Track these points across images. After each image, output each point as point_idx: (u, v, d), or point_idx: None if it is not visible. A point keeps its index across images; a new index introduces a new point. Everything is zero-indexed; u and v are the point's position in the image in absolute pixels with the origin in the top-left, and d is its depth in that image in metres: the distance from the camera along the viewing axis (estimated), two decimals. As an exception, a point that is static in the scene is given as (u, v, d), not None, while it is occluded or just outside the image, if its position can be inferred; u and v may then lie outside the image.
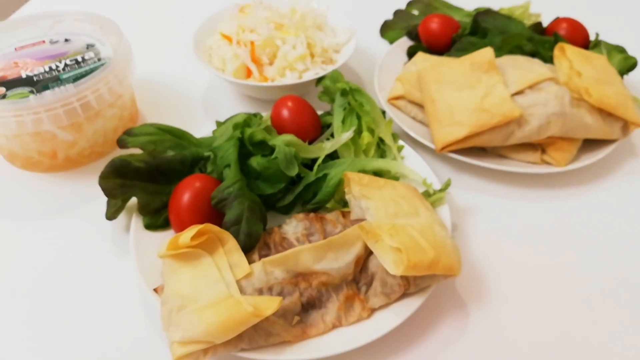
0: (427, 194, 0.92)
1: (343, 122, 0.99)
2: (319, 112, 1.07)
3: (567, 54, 1.06)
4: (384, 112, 1.05)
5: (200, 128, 1.11)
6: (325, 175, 0.92)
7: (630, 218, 0.97)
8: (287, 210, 0.93)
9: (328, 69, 1.15)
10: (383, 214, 0.81)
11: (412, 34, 1.32)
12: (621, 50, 1.19)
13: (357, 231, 0.79)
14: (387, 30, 1.42)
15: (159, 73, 1.30)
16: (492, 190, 1.01)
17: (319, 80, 1.09)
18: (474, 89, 1.00)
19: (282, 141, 0.91)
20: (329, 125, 1.04)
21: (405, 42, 1.33)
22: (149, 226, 0.89)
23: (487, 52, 1.02)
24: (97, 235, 0.92)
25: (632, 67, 1.16)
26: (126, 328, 0.79)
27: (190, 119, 1.17)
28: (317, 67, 1.15)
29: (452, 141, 0.98)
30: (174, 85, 1.27)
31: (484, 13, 1.22)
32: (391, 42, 1.41)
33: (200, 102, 1.22)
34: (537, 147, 1.01)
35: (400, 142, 1.02)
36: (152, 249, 0.83)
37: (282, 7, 1.26)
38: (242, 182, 0.85)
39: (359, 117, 1.00)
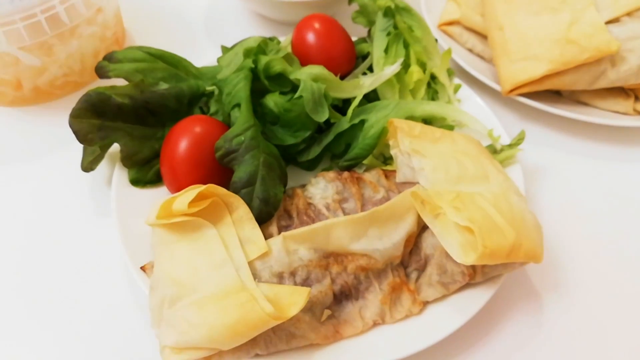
0: (492, 150, 0.72)
1: (386, 51, 0.77)
2: (353, 39, 0.84)
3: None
4: (435, 41, 0.83)
5: (202, 54, 0.89)
6: (362, 122, 0.71)
7: None
8: (312, 167, 0.74)
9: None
10: (443, 177, 0.61)
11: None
12: None
13: (409, 200, 0.59)
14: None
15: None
16: (569, 147, 0.81)
17: (353, -4, 0.85)
18: (558, 12, 0.77)
19: (308, 75, 0.69)
20: (365, 57, 0.82)
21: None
22: (136, 181, 0.69)
23: (577, -33, 0.78)
24: (74, 188, 0.74)
25: None
26: (109, 310, 0.62)
27: (190, 42, 0.95)
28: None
29: (525, 81, 0.76)
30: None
31: None
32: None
33: (202, 22, 0.99)
34: (630, 93, 0.80)
35: (457, 81, 0.80)
36: (139, 212, 0.65)
37: None
38: (256, 128, 0.64)
39: (406, 46, 0.77)
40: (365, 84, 0.73)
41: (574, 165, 0.78)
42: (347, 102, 0.74)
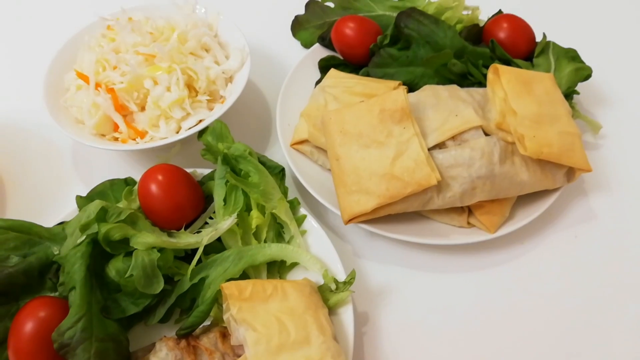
0: (328, 289, 0.76)
1: (225, 200, 0.80)
2: (207, 171, 0.87)
3: (503, 81, 0.86)
4: (282, 171, 0.86)
5: (71, 191, 0.91)
6: (202, 280, 0.75)
7: (581, 281, 0.84)
8: (165, 320, 0.77)
9: (215, 111, 0.93)
10: (264, 348, 0.66)
11: (325, 40, 1.08)
12: (573, 55, 0.98)
13: (228, 381, 0.64)
14: (299, 28, 1.17)
15: (18, 119, 1.06)
16: (411, 262, 0.86)
17: (200, 134, 0.88)
18: (384, 146, 0.81)
19: (142, 244, 0.73)
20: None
21: (319, 50, 1.09)
22: (-11, 366, 0.73)
23: (399, 97, 0.81)
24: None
25: (585, 79, 0.96)
26: None
27: (58, 180, 0.97)
28: (201, 110, 0.93)
29: (359, 212, 0.80)
30: (36, 134, 1.04)
31: (407, 15, 0.98)
32: (305, 44, 1.17)
33: (70, 156, 1.00)
34: (465, 208, 0.84)
35: (303, 211, 0.84)
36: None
37: (158, 19, 1.01)
38: (87, 318, 0.68)
39: (245, 192, 0.81)
40: (203, 239, 0.77)
41: (415, 280, 0.84)
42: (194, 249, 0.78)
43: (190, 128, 0.91)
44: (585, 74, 0.95)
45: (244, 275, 0.77)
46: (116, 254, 0.75)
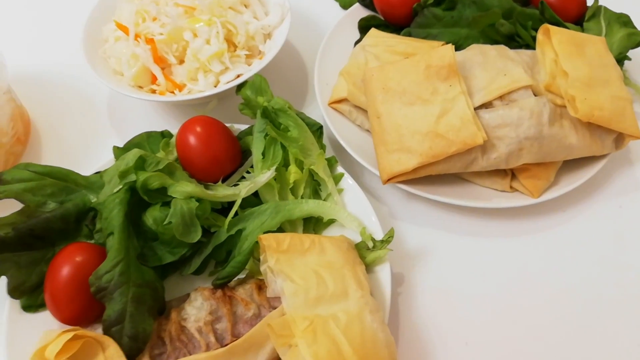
0: (365, 247, 0.75)
1: (264, 154, 0.79)
2: (244, 127, 0.86)
3: (554, 42, 0.82)
4: (319, 129, 0.85)
5: (106, 143, 0.91)
6: (239, 232, 0.75)
7: (625, 252, 0.81)
8: (199, 272, 0.77)
9: (254, 66, 0.92)
10: (302, 300, 0.65)
11: (366, 0, 1.05)
12: (625, 20, 0.93)
13: (266, 330, 0.63)
14: (339, -11, 1.14)
15: (55, 72, 1.06)
16: (449, 225, 0.84)
17: (239, 88, 0.86)
18: (429, 103, 0.78)
19: (181, 193, 0.72)
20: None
21: (358, 10, 1.07)
22: (28, 307, 0.73)
23: (447, 53, 0.79)
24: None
25: (637, 45, 0.92)
26: None
27: (94, 131, 0.97)
28: (240, 65, 0.92)
29: (399, 172, 0.78)
30: (73, 86, 1.03)
31: (454, -26, 0.95)
32: (344, 5, 1.14)
33: (105, 108, 1.00)
34: (508, 171, 0.82)
35: (340, 169, 0.83)
36: (34, 339, 0.69)
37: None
38: (125, 262, 0.68)
39: (284, 147, 0.79)
40: (241, 191, 0.76)
41: (453, 244, 0.82)
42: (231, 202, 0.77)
43: (228, 82, 0.90)
44: (637, 39, 0.91)
45: (280, 230, 0.76)
46: (153, 203, 0.75)
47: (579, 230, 0.83)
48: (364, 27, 1.03)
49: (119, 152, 0.84)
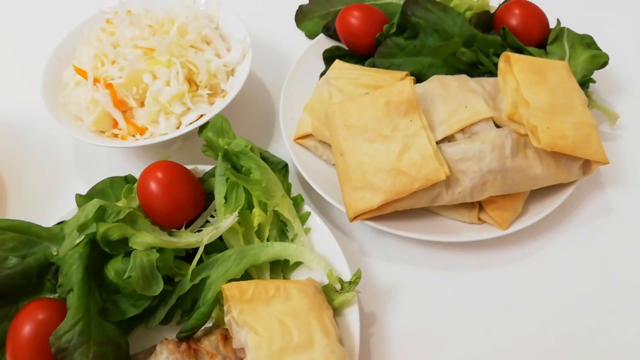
0: (333, 289, 0.74)
1: (226, 198, 0.78)
2: (209, 168, 0.85)
3: (514, 70, 0.82)
4: (284, 167, 0.83)
5: (71, 189, 0.90)
6: (203, 280, 0.73)
7: (598, 280, 0.80)
8: (166, 321, 0.75)
9: (216, 105, 0.91)
10: (266, 352, 0.63)
11: (330, 30, 1.04)
12: (589, 42, 0.93)
13: (229, 386, 0.62)
14: (303, 19, 1.13)
15: (18, 117, 1.04)
16: (420, 259, 0.83)
17: (200, 130, 0.85)
18: (390, 140, 0.78)
19: (141, 244, 0.71)
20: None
21: (323, 41, 1.06)
22: (-12, 369, 0.71)
23: (405, 88, 0.78)
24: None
25: (601, 66, 0.92)
26: None
27: (59, 178, 0.95)
28: (202, 105, 0.91)
29: (365, 209, 0.77)
30: (37, 132, 1.02)
31: (414, 3, 0.94)
32: (309, 35, 1.13)
33: (70, 153, 0.99)
34: (475, 204, 0.81)
35: (306, 208, 0.82)
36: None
37: (157, 12, 0.98)
38: (85, 321, 0.66)
39: (247, 190, 0.78)
40: (204, 238, 0.74)
41: (424, 279, 0.81)
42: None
43: (190, 123, 0.88)
44: (601, 61, 0.91)
45: (246, 275, 0.74)
46: (115, 254, 0.73)
47: (551, 259, 0.82)
48: (329, 57, 1.02)
49: (81, 200, 0.82)
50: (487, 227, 0.81)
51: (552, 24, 0.97)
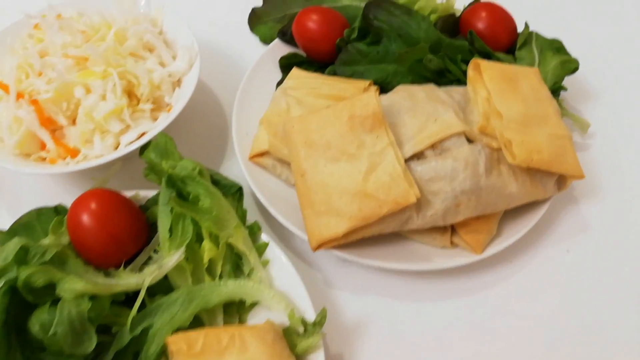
0: (295, 332, 0.66)
1: (171, 230, 0.69)
2: (153, 193, 0.75)
3: (485, 79, 0.76)
4: (239, 191, 0.75)
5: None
6: (145, 330, 0.64)
7: (576, 300, 0.76)
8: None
9: (160, 121, 0.81)
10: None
11: (286, 35, 0.96)
12: (558, 47, 0.89)
13: None
14: (257, 22, 1.05)
15: None
16: (390, 289, 0.76)
17: (141, 150, 0.75)
18: (355, 159, 0.70)
19: (70, 291, 0.61)
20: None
21: (279, 46, 0.98)
22: None
23: (370, 101, 0.71)
24: None
25: (571, 72, 0.87)
26: None
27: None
28: (144, 121, 0.81)
29: (329, 238, 0.70)
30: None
31: (376, 5, 0.87)
32: (264, 39, 1.05)
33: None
34: (447, 227, 0.75)
35: (264, 238, 0.73)
36: None
37: (92, 16, 0.87)
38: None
39: (195, 221, 0.69)
40: (145, 280, 0.65)
41: (394, 311, 0.74)
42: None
43: (130, 143, 0.79)
44: (572, 67, 0.87)
45: (196, 320, 0.65)
46: (41, 304, 0.63)
47: (528, 281, 0.77)
48: (286, 65, 0.94)
49: (3, 237, 0.71)
50: (461, 252, 0.75)
51: (520, 28, 0.92)
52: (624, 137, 0.93)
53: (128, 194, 0.74)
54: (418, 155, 0.72)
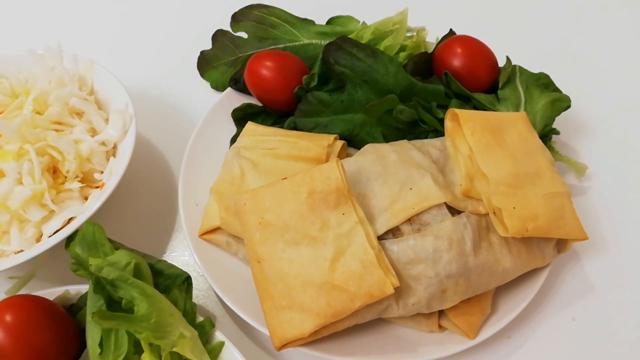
0: None
1: (102, 344, 0.57)
2: (86, 289, 0.63)
3: (466, 133, 0.65)
4: (186, 280, 0.63)
5: None
6: None
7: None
8: None
9: (90, 203, 0.69)
10: None
11: (239, 82, 0.85)
12: (545, 82, 0.79)
13: None
14: (207, 67, 0.93)
15: None
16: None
17: (67, 242, 0.63)
18: (319, 242, 0.59)
19: None
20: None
21: (233, 96, 0.86)
22: None
23: (332, 174, 0.60)
24: None
25: (563, 111, 0.77)
26: None
27: None
28: (72, 203, 0.69)
29: (294, 337, 0.58)
30: None
31: (337, 48, 0.76)
32: (216, 87, 0.93)
33: None
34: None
35: (218, 336, 0.62)
36: None
37: (9, 77, 0.76)
38: None
39: (129, 333, 0.57)
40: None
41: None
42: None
43: (55, 232, 0.67)
44: (563, 106, 0.77)
45: None
46: None
47: (530, 358, 0.67)
48: (240, 117, 0.83)
49: None
50: (451, 336, 0.64)
51: (501, 62, 0.81)
52: (623, 174, 0.83)
53: (55, 292, 0.63)
54: (393, 231, 0.61)
